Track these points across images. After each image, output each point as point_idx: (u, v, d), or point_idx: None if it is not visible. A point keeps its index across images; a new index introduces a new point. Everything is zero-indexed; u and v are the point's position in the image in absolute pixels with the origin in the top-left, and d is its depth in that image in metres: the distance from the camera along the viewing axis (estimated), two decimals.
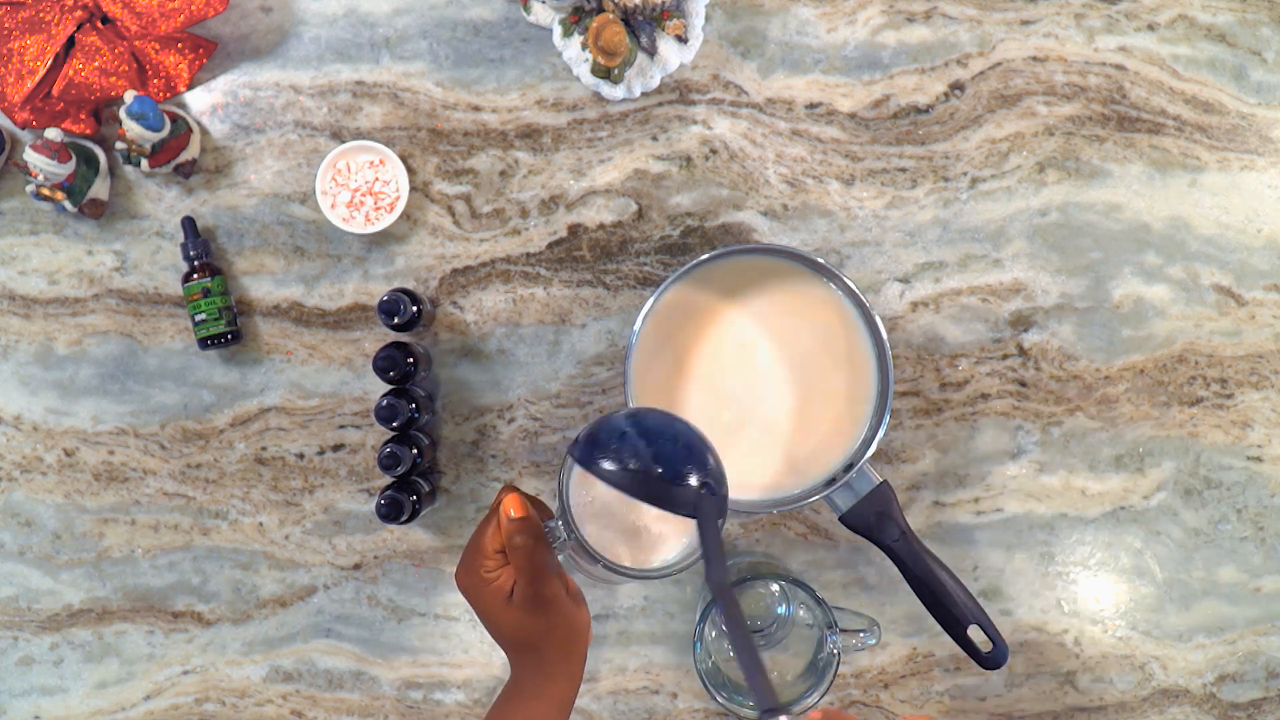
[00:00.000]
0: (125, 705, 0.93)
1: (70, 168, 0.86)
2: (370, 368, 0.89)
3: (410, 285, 0.92)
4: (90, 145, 0.90)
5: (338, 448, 0.92)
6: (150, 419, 0.92)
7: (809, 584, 0.86)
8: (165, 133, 0.86)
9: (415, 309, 0.87)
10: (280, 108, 0.92)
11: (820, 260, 0.82)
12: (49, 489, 0.92)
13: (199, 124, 0.91)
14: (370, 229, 0.89)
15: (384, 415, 0.84)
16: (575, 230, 0.92)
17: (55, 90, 0.86)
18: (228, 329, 0.89)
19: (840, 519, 0.83)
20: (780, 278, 0.85)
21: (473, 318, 0.92)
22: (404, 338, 0.91)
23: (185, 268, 0.90)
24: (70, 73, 0.86)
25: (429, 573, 0.93)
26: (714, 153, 0.92)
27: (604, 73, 0.89)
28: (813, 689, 0.85)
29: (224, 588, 0.93)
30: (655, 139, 0.92)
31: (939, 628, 0.80)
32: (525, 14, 0.91)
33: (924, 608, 0.80)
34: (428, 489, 0.89)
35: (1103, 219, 0.93)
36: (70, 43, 0.86)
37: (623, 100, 0.92)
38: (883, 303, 0.93)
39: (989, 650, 0.80)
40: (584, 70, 0.89)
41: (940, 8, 0.92)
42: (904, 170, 0.92)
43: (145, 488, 0.92)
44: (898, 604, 0.93)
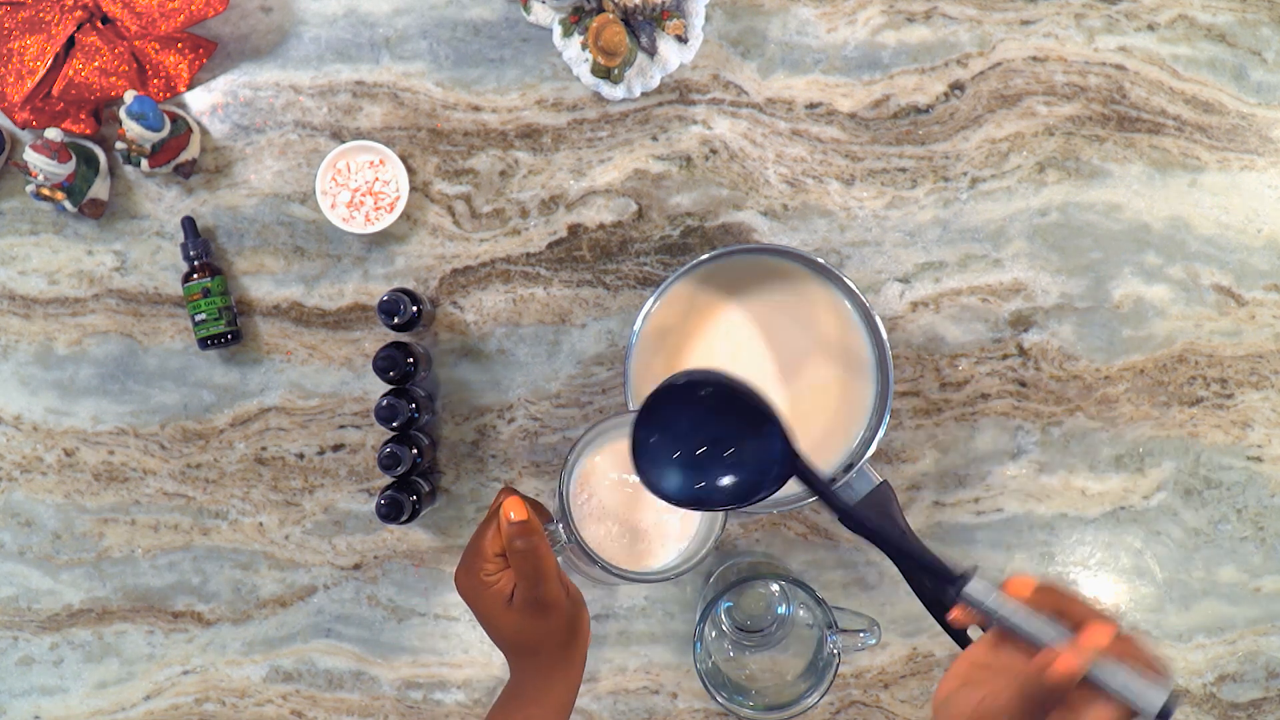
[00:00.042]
0: (125, 705, 0.93)
1: (70, 168, 0.86)
2: (370, 368, 0.89)
3: (410, 285, 0.92)
4: (90, 145, 0.90)
5: (338, 448, 0.92)
6: (150, 419, 0.92)
7: (809, 584, 0.86)
8: (165, 133, 0.86)
9: (415, 309, 0.87)
10: (280, 108, 0.92)
11: (820, 260, 0.82)
12: (49, 489, 0.92)
13: (199, 124, 0.91)
14: (370, 229, 0.89)
15: (384, 415, 0.84)
16: (575, 230, 0.92)
17: (55, 90, 0.86)
18: (228, 329, 0.89)
19: (840, 519, 0.83)
20: (780, 278, 0.85)
21: (473, 318, 0.92)
22: (404, 338, 0.91)
23: (185, 268, 0.90)
24: (70, 73, 0.86)
25: (429, 573, 0.93)
26: (714, 153, 0.92)
27: (604, 73, 0.88)
28: (813, 689, 0.85)
29: (224, 588, 0.93)
30: (655, 139, 0.92)
31: (939, 628, 0.80)
32: (525, 14, 0.91)
33: (924, 608, 0.80)
34: (428, 489, 0.89)
35: (1103, 219, 0.93)
36: (70, 43, 0.86)
37: (623, 100, 0.92)
38: (883, 303, 0.93)
39: None
40: (584, 70, 0.89)
41: (940, 8, 0.92)
42: (904, 170, 0.92)
43: (145, 488, 0.92)
44: (898, 604, 0.93)
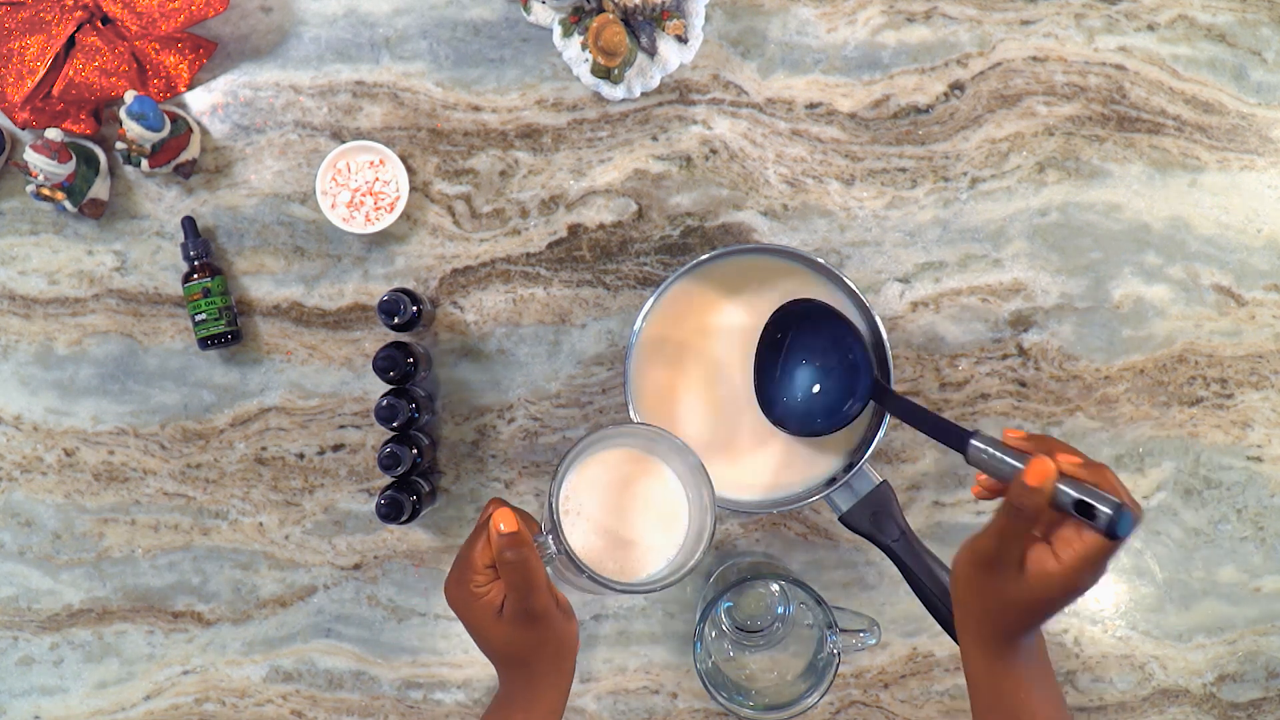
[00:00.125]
0: (125, 705, 0.93)
1: (70, 168, 0.86)
2: (370, 368, 0.89)
3: (410, 285, 0.92)
4: (90, 145, 0.90)
5: (338, 448, 0.92)
6: (150, 419, 0.92)
7: (809, 584, 0.86)
8: (165, 133, 0.86)
9: (415, 309, 0.87)
10: (280, 108, 0.92)
11: (820, 260, 0.82)
12: (49, 489, 0.92)
13: (199, 124, 0.91)
14: (370, 229, 0.89)
15: (384, 415, 0.84)
16: (575, 230, 0.92)
17: (55, 90, 0.86)
18: (228, 329, 0.89)
19: (840, 519, 0.83)
20: (780, 277, 0.85)
21: (473, 318, 0.92)
22: (404, 338, 0.91)
23: (185, 268, 0.90)
24: (70, 73, 0.86)
25: (429, 573, 0.93)
26: (714, 153, 0.92)
27: (604, 73, 0.88)
28: (813, 689, 0.85)
29: (224, 588, 0.93)
30: (655, 139, 0.92)
31: (939, 628, 0.80)
32: (525, 14, 0.91)
33: (924, 608, 0.80)
34: (428, 489, 0.89)
35: (1103, 219, 0.93)
36: (70, 43, 0.86)
37: (623, 100, 0.92)
38: (883, 303, 0.93)
39: None
40: (584, 70, 0.89)
41: (940, 8, 0.92)
42: (904, 170, 0.92)
43: (145, 488, 0.92)
44: (898, 604, 0.93)
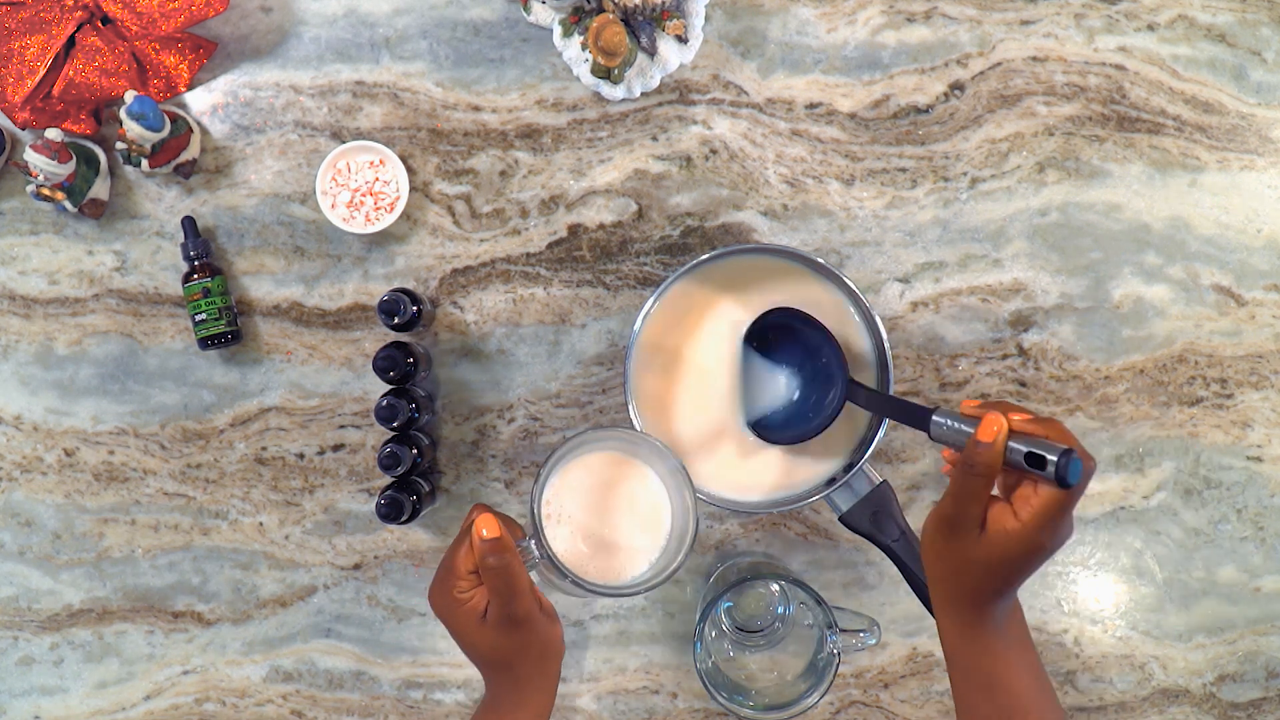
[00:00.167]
0: (125, 705, 0.93)
1: (70, 168, 0.86)
2: (370, 368, 0.89)
3: (410, 285, 0.92)
4: (90, 145, 0.90)
5: (338, 448, 0.92)
6: (150, 419, 0.92)
7: (809, 584, 0.86)
8: (165, 133, 0.86)
9: (415, 309, 0.87)
10: (280, 108, 0.92)
11: (820, 260, 0.82)
12: (49, 489, 0.92)
13: (199, 124, 0.91)
14: (370, 229, 0.89)
15: (384, 415, 0.84)
16: (575, 230, 0.92)
17: (55, 90, 0.86)
18: (228, 329, 0.89)
19: (840, 519, 0.83)
20: (780, 277, 0.85)
21: (473, 318, 0.92)
22: (404, 338, 0.91)
23: (185, 268, 0.90)
24: (70, 73, 0.86)
25: (429, 573, 0.93)
26: (714, 153, 0.92)
27: (604, 73, 0.88)
28: (813, 689, 0.85)
29: (224, 588, 0.93)
30: (655, 139, 0.92)
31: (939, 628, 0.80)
32: (525, 14, 0.91)
33: (924, 608, 0.80)
34: (428, 489, 0.89)
35: (1103, 219, 0.93)
36: (70, 43, 0.86)
37: (623, 100, 0.92)
38: (883, 303, 0.93)
39: None
40: (584, 70, 0.89)
41: (940, 8, 0.92)
42: (904, 170, 0.92)
43: (145, 488, 0.92)
44: (898, 604, 0.93)
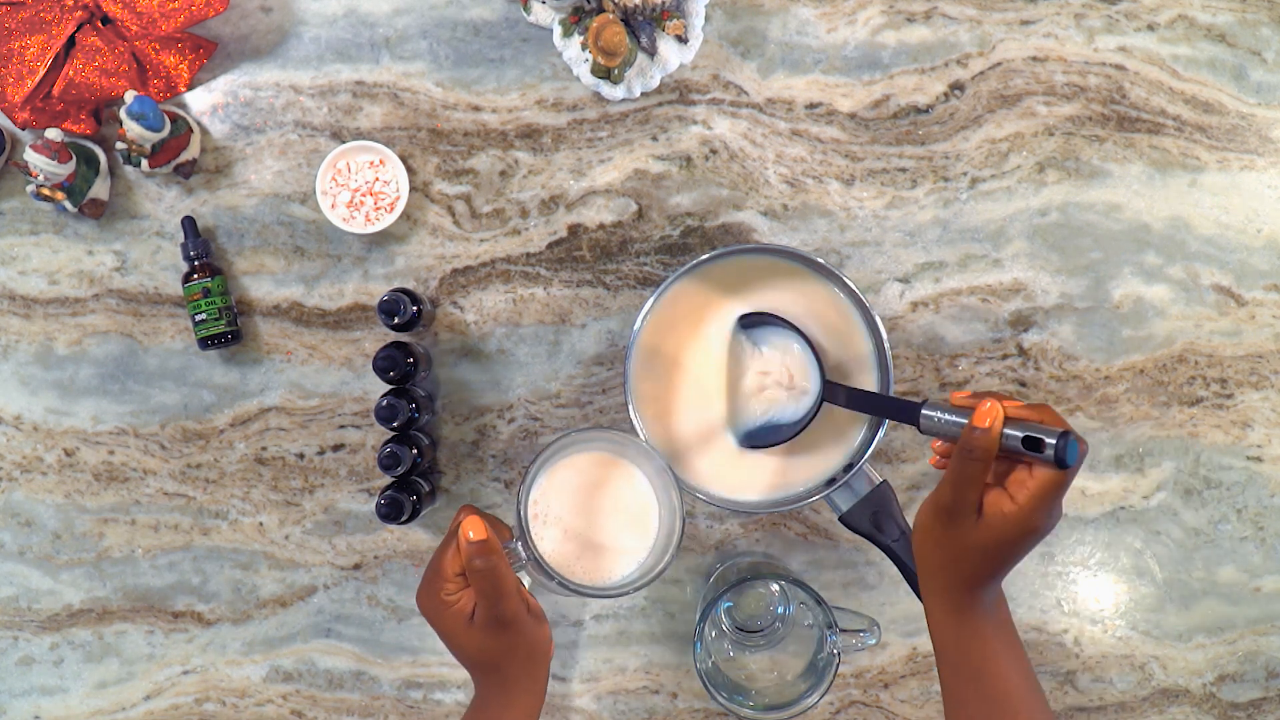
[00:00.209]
0: (125, 705, 0.93)
1: (70, 168, 0.86)
2: (370, 368, 0.89)
3: (410, 285, 0.92)
4: (90, 145, 0.90)
5: (338, 448, 0.92)
6: (150, 419, 0.92)
7: (809, 584, 0.86)
8: (165, 133, 0.86)
9: (415, 309, 0.87)
10: (280, 108, 0.92)
11: (820, 260, 0.82)
12: (49, 489, 0.92)
13: (199, 124, 0.91)
14: (370, 229, 0.89)
15: (384, 415, 0.84)
16: (575, 230, 0.92)
17: (55, 90, 0.86)
18: (228, 329, 0.89)
19: (840, 519, 0.83)
20: (780, 277, 0.85)
21: (473, 318, 0.92)
22: (404, 338, 0.91)
23: (185, 268, 0.90)
24: (70, 73, 0.86)
25: None
26: (714, 153, 0.92)
27: (604, 73, 0.88)
28: (813, 689, 0.85)
29: (224, 588, 0.93)
30: (655, 139, 0.92)
31: None
32: (525, 14, 0.91)
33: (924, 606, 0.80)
34: (428, 489, 0.89)
35: (1103, 219, 0.93)
36: (70, 43, 0.86)
37: (623, 100, 0.92)
38: (883, 303, 0.93)
39: None
40: (584, 70, 0.89)
41: (940, 8, 0.92)
42: (904, 170, 0.92)
43: (145, 488, 0.92)
44: (898, 604, 0.93)
